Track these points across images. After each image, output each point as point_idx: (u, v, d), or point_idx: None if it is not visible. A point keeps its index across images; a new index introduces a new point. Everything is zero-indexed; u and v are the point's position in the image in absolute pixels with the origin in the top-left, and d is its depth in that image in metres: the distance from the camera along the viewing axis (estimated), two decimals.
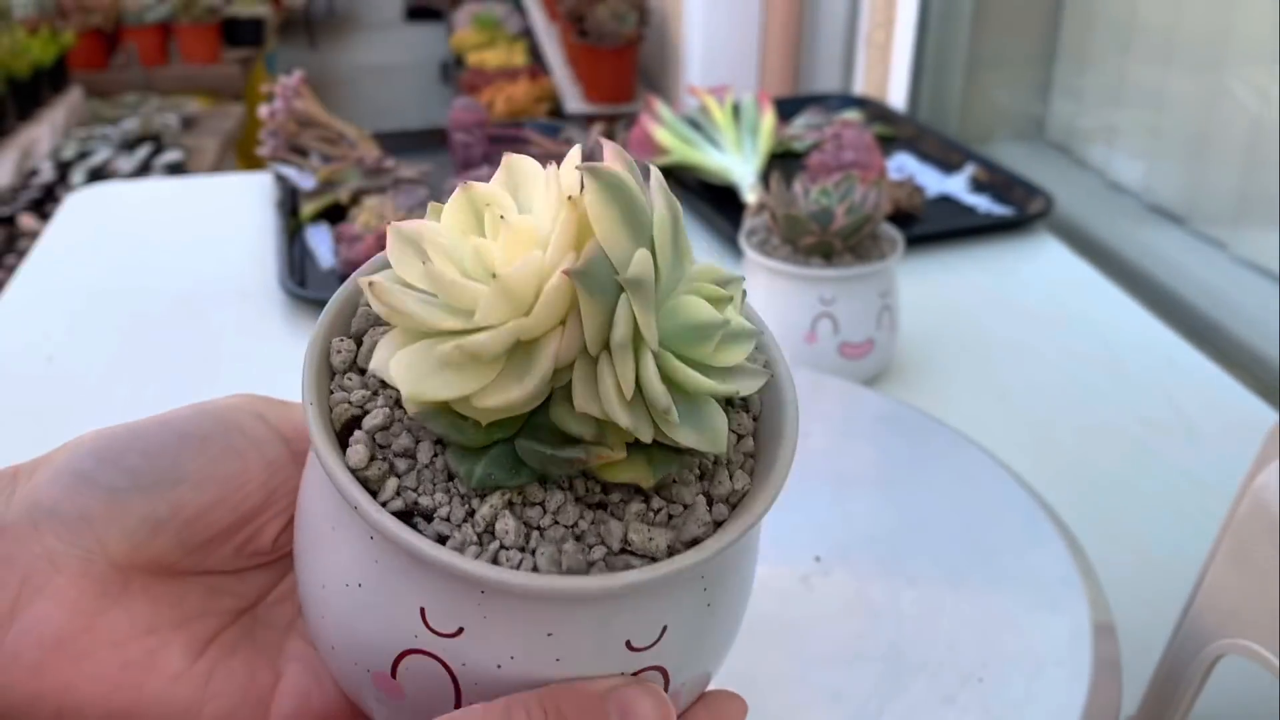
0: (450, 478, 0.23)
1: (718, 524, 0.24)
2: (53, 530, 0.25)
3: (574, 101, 2.13)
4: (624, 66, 2.06)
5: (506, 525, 0.22)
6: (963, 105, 1.28)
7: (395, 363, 0.22)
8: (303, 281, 0.80)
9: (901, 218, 0.89)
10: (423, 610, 0.23)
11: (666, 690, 0.25)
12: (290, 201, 0.92)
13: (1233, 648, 0.36)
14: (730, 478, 0.25)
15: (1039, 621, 0.41)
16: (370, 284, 0.22)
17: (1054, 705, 0.38)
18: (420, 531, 0.22)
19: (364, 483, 0.23)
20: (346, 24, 5.43)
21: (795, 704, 0.39)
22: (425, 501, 0.23)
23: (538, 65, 2.50)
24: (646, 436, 0.22)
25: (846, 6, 1.54)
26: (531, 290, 0.22)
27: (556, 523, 0.23)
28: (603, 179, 0.22)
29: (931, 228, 0.89)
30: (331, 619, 0.24)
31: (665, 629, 0.23)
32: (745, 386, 0.24)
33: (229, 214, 0.96)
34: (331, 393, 0.24)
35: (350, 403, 0.24)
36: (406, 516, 0.23)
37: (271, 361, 0.72)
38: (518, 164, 0.25)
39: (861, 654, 0.41)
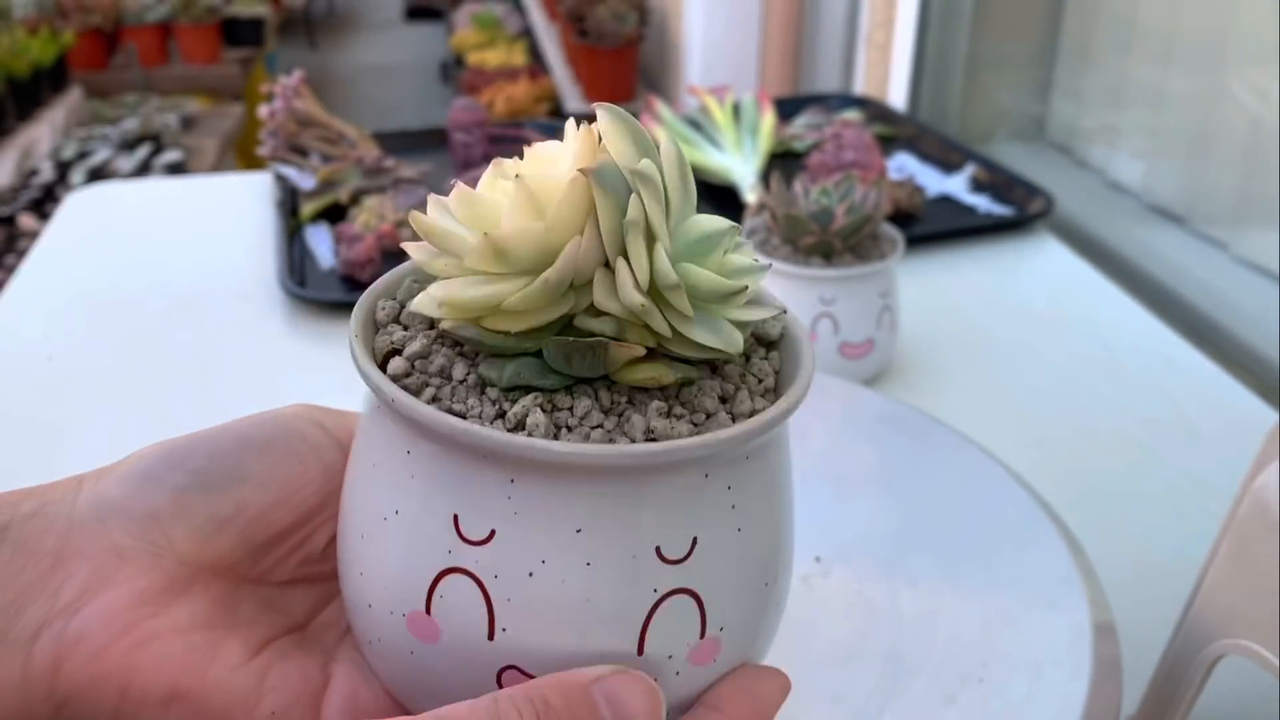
0: (482, 391, 0.24)
1: None
2: (120, 526, 0.26)
3: (574, 101, 2.13)
4: (624, 66, 2.06)
5: (537, 420, 0.23)
6: (963, 105, 1.28)
7: (434, 287, 0.24)
8: (302, 281, 0.80)
9: (901, 218, 0.89)
10: (455, 518, 0.23)
11: (703, 634, 0.25)
12: (290, 201, 0.92)
13: (1233, 648, 0.36)
14: (751, 401, 0.26)
15: (1039, 621, 0.41)
16: (412, 213, 0.25)
17: (1054, 705, 0.38)
18: None
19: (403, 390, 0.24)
20: (346, 24, 5.43)
21: (795, 704, 0.39)
22: (458, 407, 0.24)
23: (538, 65, 2.50)
24: (664, 328, 0.24)
25: (846, 6, 1.54)
26: (552, 197, 0.24)
27: (582, 424, 0.24)
28: (613, 111, 0.24)
29: (931, 228, 0.89)
30: (368, 567, 0.25)
31: (696, 542, 0.24)
32: (758, 310, 0.25)
33: (229, 214, 0.96)
34: (376, 338, 0.26)
35: (391, 341, 0.26)
36: None
37: (271, 361, 0.72)
38: (541, 148, 0.26)
39: (861, 654, 0.41)
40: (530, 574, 0.23)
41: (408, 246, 0.26)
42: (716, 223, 0.25)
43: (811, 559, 0.45)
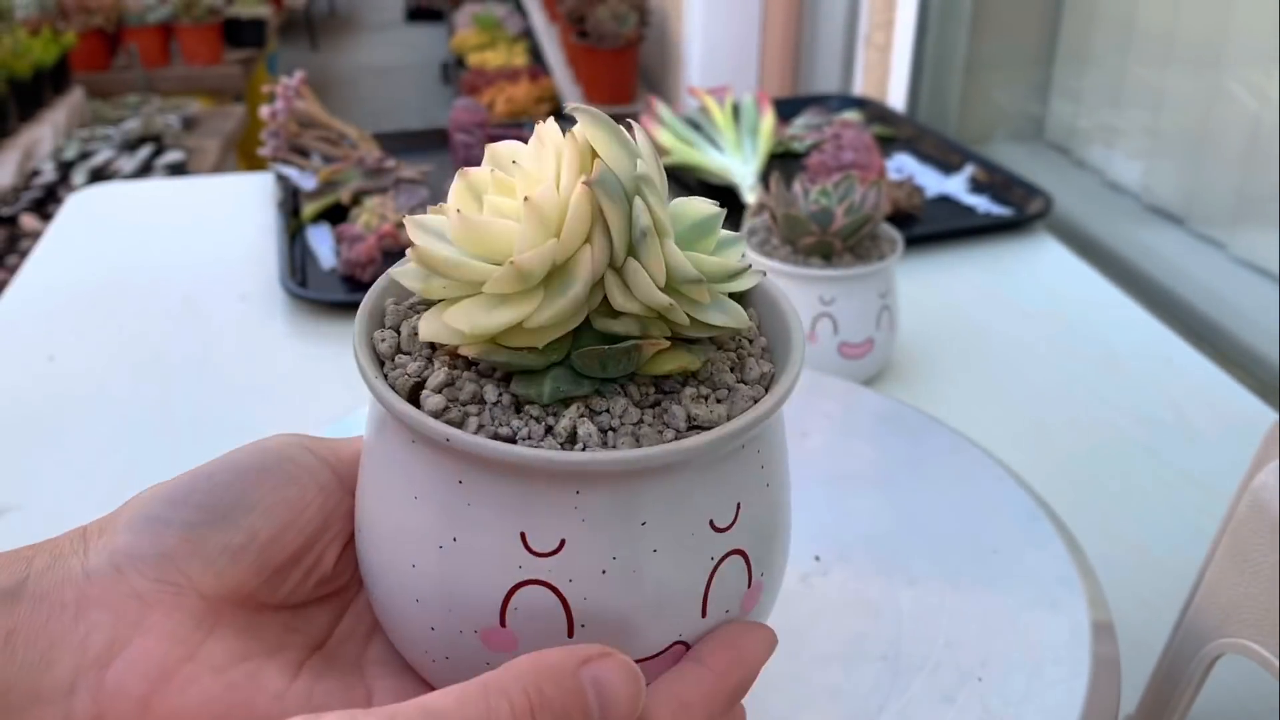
0: (519, 410, 0.25)
1: (757, 401, 0.26)
2: (137, 571, 0.26)
3: (574, 102, 2.13)
4: (624, 67, 2.06)
5: (588, 429, 0.24)
6: (962, 106, 1.28)
7: (449, 315, 0.24)
8: (304, 282, 0.80)
9: (901, 218, 0.89)
10: (523, 535, 0.24)
11: (749, 584, 0.26)
12: (291, 202, 0.92)
13: (1232, 647, 0.36)
14: (757, 364, 0.27)
15: (1038, 620, 0.41)
16: (414, 247, 0.25)
17: (1053, 704, 0.38)
18: None
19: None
20: (347, 25, 5.43)
21: (795, 703, 0.39)
22: (504, 431, 0.24)
23: (538, 66, 2.51)
24: (684, 319, 0.25)
25: (846, 7, 1.54)
26: (558, 213, 0.24)
27: (623, 422, 0.25)
28: (591, 114, 0.25)
29: (931, 228, 0.89)
30: (428, 594, 0.25)
31: (740, 506, 0.26)
32: (750, 278, 0.27)
33: (230, 214, 0.96)
34: (386, 375, 0.26)
35: (408, 374, 0.25)
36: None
37: (273, 361, 0.73)
38: (498, 150, 0.27)
39: (861, 653, 0.41)
40: (603, 571, 0.24)
41: (397, 274, 0.26)
42: (704, 207, 0.27)
43: (811, 558, 0.45)
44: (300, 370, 0.71)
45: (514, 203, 0.25)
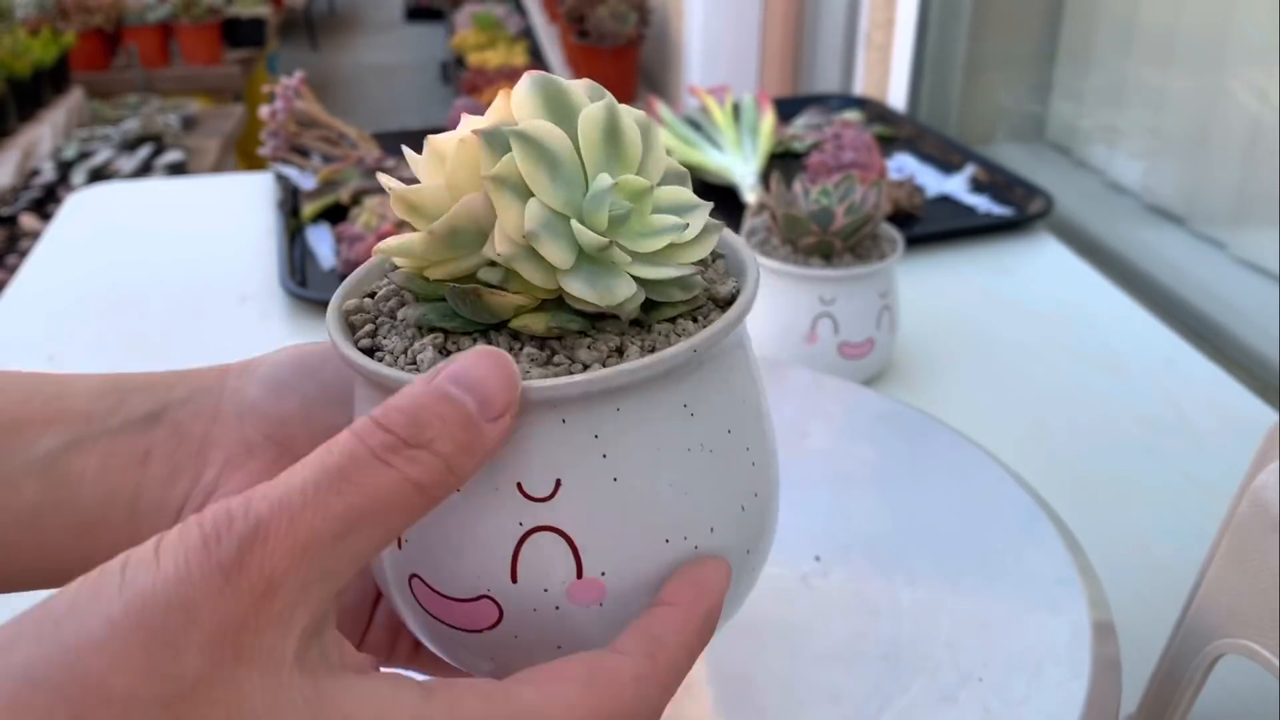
0: (407, 329, 0.27)
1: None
2: (254, 424, 0.30)
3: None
4: (624, 67, 2.06)
5: (426, 355, 0.26)
6: (962, 105, 1.28)
7: (389, 240, 0.27)
8: (304, 282, 0.80)
9: (901, 218, 0.89)
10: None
11: (580, 574, 0.25)
12: (291, 202, 0.92)
13: (1233, 647, 0.36)
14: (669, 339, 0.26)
15: (1038, 621, 0.41)
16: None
17: (1053, 704, 0.38)
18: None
19: (351, 327, 0.28)
20: (347, 24, 5.43)
21: (795, 704, 0.39)
22: (385, 343, 0.27)
23: (538, 66, 2.51)
24: (536, 277, 0.25)
25: (846, 6, 1.54)
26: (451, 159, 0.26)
27: None
28: (538, 80, 0.26)
29: (931, 228, 0.89)
30: None
31: (559, 484, 0.25)
32: (694, 248, 0.27)
33: (230, 214, 0.96)
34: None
35: (375, 285, 0.30)
36: (370, 353, 0.27)
37: None
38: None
39: (861, 654, 0.41)
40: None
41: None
42: (637, 183, 0.26)
43: (811, 559, 0.45)
44: None
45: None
